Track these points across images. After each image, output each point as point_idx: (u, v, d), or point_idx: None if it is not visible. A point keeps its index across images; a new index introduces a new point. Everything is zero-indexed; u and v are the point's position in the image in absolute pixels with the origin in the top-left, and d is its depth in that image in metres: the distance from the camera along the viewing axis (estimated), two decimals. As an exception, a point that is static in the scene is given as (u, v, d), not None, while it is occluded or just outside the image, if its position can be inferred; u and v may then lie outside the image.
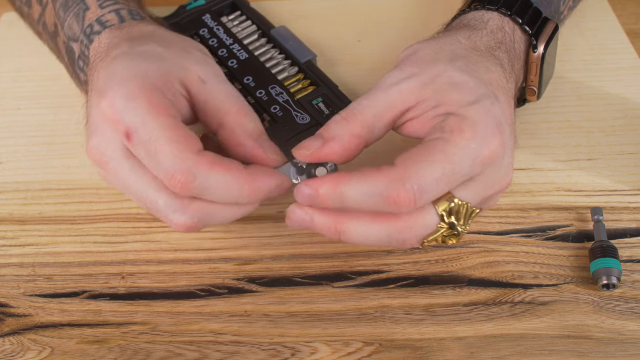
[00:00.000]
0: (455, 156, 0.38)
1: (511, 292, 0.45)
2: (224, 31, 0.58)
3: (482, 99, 0.40)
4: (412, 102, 0.41)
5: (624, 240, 0.47)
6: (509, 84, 0.44)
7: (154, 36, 0.45)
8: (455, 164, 0.38)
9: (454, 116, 0.39)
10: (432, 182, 0.37)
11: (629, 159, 0.51)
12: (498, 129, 0.39)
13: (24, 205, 0.51)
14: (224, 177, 0.39)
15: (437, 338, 0.43)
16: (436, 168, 0.38)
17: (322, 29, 0.63)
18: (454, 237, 0.40)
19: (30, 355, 0.43)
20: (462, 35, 0.45)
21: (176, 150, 0.38)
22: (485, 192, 0.40)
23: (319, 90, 0.53)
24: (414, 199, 0.37)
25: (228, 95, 0.43)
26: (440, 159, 0.38)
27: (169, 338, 0.44)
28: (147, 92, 0.39)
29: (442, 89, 0.41)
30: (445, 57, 0.43)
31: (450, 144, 0.38)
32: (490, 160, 0.39)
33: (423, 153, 0.38)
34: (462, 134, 0.38)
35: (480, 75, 0.42)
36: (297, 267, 0.47)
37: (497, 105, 0.40)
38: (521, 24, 0.47)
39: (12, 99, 0.59)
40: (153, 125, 0.38)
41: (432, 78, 0.41)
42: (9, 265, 0.48)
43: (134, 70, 0.40)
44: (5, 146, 0.55)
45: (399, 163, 0.38)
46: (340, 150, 0.41)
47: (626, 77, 0.57)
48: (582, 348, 0.42)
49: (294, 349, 0.43)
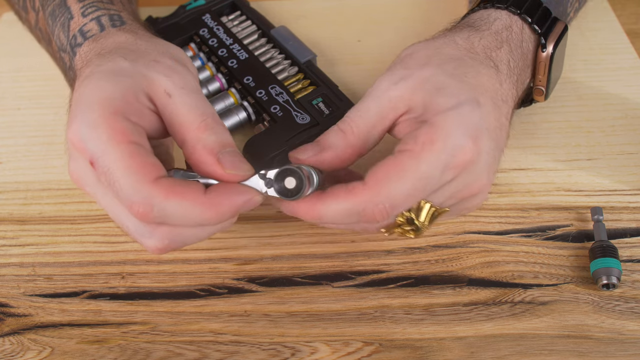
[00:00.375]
0: (425, 172, 0.39)
1: (511, 292, 0.45)
2: (224, 31, 0.58)
3: (462, 104, 0.40)
4: (403, 109, 0.42)
5: (624, 240, 0.47)
6: (503, 86, 0.44)
7: (124, 48, 0.44)
8: (425, 179, 0.39)
9: (428, 125, 0.40)
10: (403, 198, 0.39)
11: (629, 159, 0.51)
12: (472, 136, 0.40)
13: (24, 205, 0.51)
14: (181, 204, 0.38)
15: (437, 338, 0.43)
16: (407, 185, 0.39)
17: (322, 29, 0.63)
18: (412, 232, 0.41)
19: (30, 355, 0.43)
20: (461, 37, 0.45)
21: (133, 181, 0.38)
22: (455, 195, 0.41)
23: (319, 90, 0.53)
24: (387, 214, 0.39)
25: (191, 108, 0.41)
26: (411, 176, 0.39)
27: (169, 338, 0.44)
28: (110, 119, 0.39)
29: (427, 94, 0.41)
30: (437, 60, 0.43)
31: (421, 160, 0.39)
32: (462, 167, 0.39)
33: (393, 169, 0.39)
34: (433, 145, 0.39)
35: (468, 79, 0.42)
36: (297, 267, 0.47)
37: (477, 110, 0.40)
38: (530, 23, 0.47)
39: (12, 99, 0.59)
40: (112, 155, 0.38)
41: (421, 82, 0.42)
42: (9, 265, 0.48)
43: (98, 94, 0.40)
44: (5, 146, 0.55)
45: (370, 181, 0.39)
46: (333, 159, 0.42)
47: (626, 77, 0.57)
48: (582, 348, 0.42)
49: (294, 349, 0.43)
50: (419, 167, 0.39)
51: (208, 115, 0.41)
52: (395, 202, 0.39)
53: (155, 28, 0.59)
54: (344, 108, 0.51)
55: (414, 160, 0.39)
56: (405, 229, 0.41)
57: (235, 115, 0.53)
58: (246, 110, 0.53)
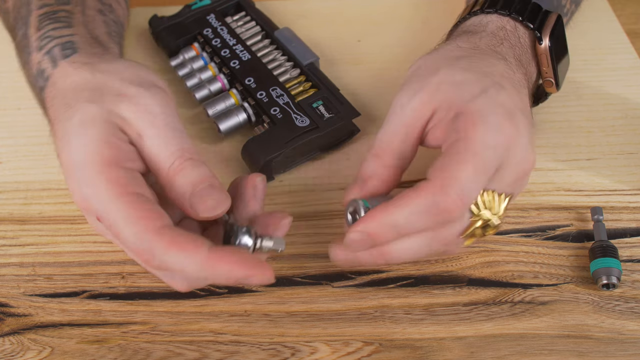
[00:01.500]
0: (479, 150, 0.39)
1: (511, 292, 0.45)
2: (227, 31, 0.58)
3: (487, 89, 0.41)
4: (428, 114, 0.42)
5: (624, 240, 0.47)
6: (516, 74, 0.44)
7: (84, 89, 0.43)
8: (481, 157, 0.39)
9: (463, 114, 0.40)
10: (470, 181, 0.38)
11: (629, 159, 0.51)
12: (507, 114, 0.40)
13: (24, 205, 0.51)
14: (180, 257, 0.37)
15: (437, 338, 0.43)
16: (468, 168, 0.38)
17: (322, 29, 0.63)
18: (490, 228, 0.41)
19: (30, 355, 0.43)
20: (462, 40, 0.46)
21: (135, 231, 0.38)
22: (511, 176, 0.41)
23: (320, 94, 0.53)
24: (461, 203, 0.38)
25: (160, 150, 0.41)
26: (468, 158, 0.38)
27: (169, 338, 0.44)
28: (105, 173, 0.39)
29: (448, 92, 0.41)
30: (446, 62, 0.43)
31: (470, 141, 0.39)
32: (508, 144, 0.40)
33: (451, 159, 0.39)
34: (475, 127, 0.39)
35: (483, 69, 0.42)
36: (297, 267, 0.47)
37: (503, 92, 0.41)
38: (522, 20, 0.47)
39: (12, 99, 0.59)
40: (114, 210, 0.38)
41: (437, 85, 0.42)
42: (9, 265, 0.48)
43: (83, 152, 0.40)
44: (5, 146, 0.55)
45: (433, 176, 0.39)
46: (381, 185, 0.42)
47: (626, 77, 0.57)
48: (582, 348, 0.42)
49: (294, 349, 0.43)
50: (472, 148, 0.39)
51: (177, 155, 0.40)
52: (464, 186, 0.38)
53: (160, 27, 0.59)
54: (345, 112, 0.52)
55: (463, 143, 0.39)
56: (483, 227, 0.40)
57: (235, 116, 0.53)
58: (246, 112, 0.53)
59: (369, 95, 0.57)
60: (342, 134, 0.53)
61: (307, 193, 0.51)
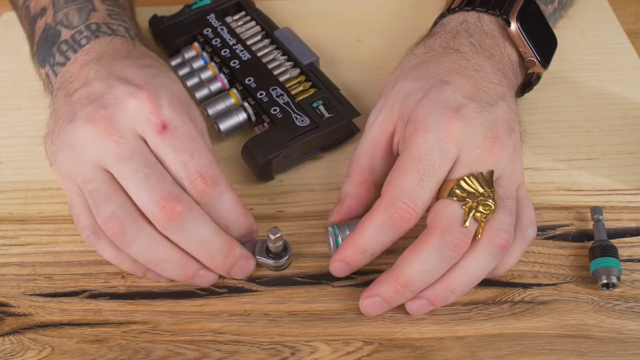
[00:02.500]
0: (421, 156, 0.41)
1: (511, 291, 0.45)
2: (227, 31, 0.58)
3: (428, 92, 0.43)
4: (390, 128, 0.45)
5: (624, 239, 0.47)
6: (471, 61, 0.45)
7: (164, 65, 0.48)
8: (425, 161, 0.41)
9: (410, 122, 0.43)
10: (414, 186, 0.41)
11: (629, 159, 0.51)
12: (448, 109, 0.42)
13: (24, 205, 0.51)
14: (233, 200, 0.43)
15: (437, 337, 0.43)
16: (411, 175, 0.41)
17: (322, 29, 0.63)
18: (487, 206, 0.41)
19: (31, 354, 0.43)
20: (418, 47, 0.49)
21: (211, 156, 0.43)
22: (474, 156, 0.42)
23: (320, 93, 0.53)
24: (412, 209, 0.41)
25: None
26: (411, 166, 0.41)
27: (169, 337, 0.44)
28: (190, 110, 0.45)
29: (401, 104, 0.44)
30: (401, 75, 0.46)
31: (411, 149, 0.41)
32: (458, 135, 0.41)
33: (396, 171, 0.42)
34: (417, 133, 0.42)
35: (429, 73, 0.45)
36: (297, 267, 0.47)
37: (445, 88, 0.43)
38: (486, 11, 0.48)
39: (12, 99, 0.59)
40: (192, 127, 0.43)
41: (394, 99, 0.45)
42: (9, 265, 0.48)
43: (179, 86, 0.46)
44: (5, 146, 0.55)
45: (383, 192, 0.42)
46: (355, 203, 0.46)
47: (626, 77, 0.57)
48: (582, 347, 0.42)
49: (294, 348, 0.43)
50: (413, 155, 0.41)
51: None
52: (410, 193, 0.41)
53: (160, 27, 0.59)
54: (345, 112, 0.52)
55: (407, 152, 0.42)
56: (481, 207, 0.41)
57: (235, 116, 0.53)
58: (246, 111, 0.53)
59: (369, 96, 0.57)
60: (342, 134, 0.53)
61: (307, 193, 0.51)
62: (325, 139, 0.52)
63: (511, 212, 0.42)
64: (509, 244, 0.41)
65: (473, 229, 0.41)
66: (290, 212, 0.50)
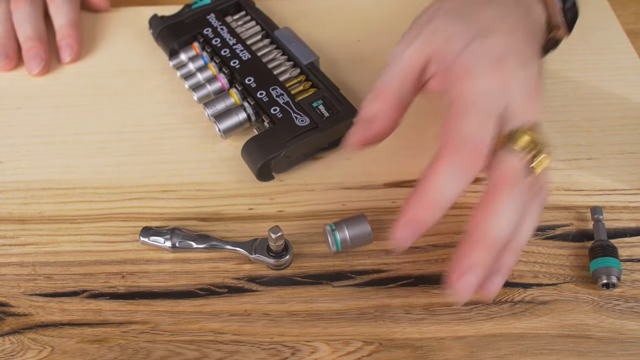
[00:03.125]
0: (476, 101, 0.40)
1: (511, 291, 0.45)
2: (227, 31, 0.58)
3: (474, 39, 0.42)
4: (422, 62, 0.44)
5: (624, 239, 0.47)
6: (511, 16, 0.45)
7: None
8: (478, 105, 0.40)
9: (452, 69, 0.42)
10: (479, 130, 0.39)
11: (629, 159, 0.51)
12: (494, 60, 0.41)
13: (24, 205, 0.51)
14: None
15: (437, 337, 0.43)
16: (472, 119, 0.40)
17: (322, 29, 0.63)
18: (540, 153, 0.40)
19: (31, 354, 0.43)
20: None
21: None
22: (525, 108, 0.41)
23: (320, 93, 0.53)
24: (481, 150, 0.39)
25: None
26: (468, 111, 0.40)
27: (169, 337, 0.44)
28: None
29: (439, 44, 0.43)
30: (440, 13, 0.45)
31: (463, 96, 0.40)
32: (501, 85, 0.41)
33: (452, 116, 0.40)
34: (464, 80, 0.41)
35: (472, 17, 0.44)
36: (297, 267, 0.47)
37: (489, 40, 0.42)
38: None
39: (12, 99, 0.59)
40: None
41: (431, 35, 0.44)
42: (9, 265, 0.48)
43: None
44: (5, 146, 0.55)
45: (444, 137, 0.40)
46: (388, 124, 0.44)
47: (626, 77, 0.57)
48: (582, 347, 0.42)
49: (294, 349, 0.43)
50: (466, 100, 0.40)
51: None
52: (475, 136, 0.39)
53: (160, 27, 0.59)
54: (345, 111, 0.51)
55: (459, 99, 0.40)
56: (535, 158, 0.40)
57: (235, 116, 0.53)
58: (246, 111, 0.53)
59: (369, 95, 0.57)
60: (342, 134, 0.53)
61: (307, 193, 0.51)
62: (325, 138, 0.52)
63: None
64: None
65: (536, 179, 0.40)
66: (290, 212, 0.50)
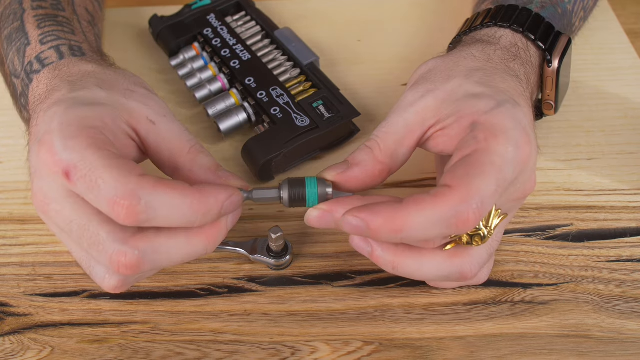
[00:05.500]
0: (502, 165, 0.37)
1: (511, 291, 0.45)
2: (227, 31, 0.58)
3: (503, 103, 0.40)
4: (431, 120, 0.41)
5: (624, 240, 0.47)
6: (526, 92, 0.43)
7: (94, 77, 0.43)
8: (503, 172, 0.37)
9: (482, 125, 0.39)
10: (491, 195, 0.37)
11: (629, 159, 0.51)
12: (525, 131, 0.39)
13: (24, 205, 0.51)
14: (170, 195, 0.36)
15: (437, 337, 0.43)
16: (492, 181, 0.37)
17: (322, 29, 0.63)
18: (478, 239, 0.39)
19: (31, 354, 0.43)
20: (476, 49, 0.45)
21: (117, 175, 0.36)
22: (516, 194, 0.40)
23: (320, 93, 0.53)
24: (479, 215, 0.36)
25: (179, 134, 0.41)
26: (491, 170, 0.37)
27: (169, 337, 0.44)
28: (87, 131, 0.37)
29: (460, 102, 0.40)
30: (460, 72, 0.43)
31: (493, 154, 0.37)
32: (524, 163, 0.38)
33: (473, 168, 0.37)
34: (497, 139, 0.38)
35: (497, 85, 0.42)
36: (297, 267, 0.47)
37: (519, 109, 0.40)
38: (534, 40, 0.46)
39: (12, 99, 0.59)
40: (93, 158, 0.36)
41: (448, 94, 0.41)
42: (10, 265, 0.48)
43: (73, 115, 0.38)
44: (5, 146, 0.55)
45: (456, 184, 0.37)
46: (363, 175, 0.41)
47: (626, 77, 0.57)
48: (582, 347, 0.42)
49: (294, 348, 0.43)
50: (495, 161, 0.37)
51: (195, 141, 0.42)
52: (484, 199, 0.36)
53: (160, 27, 0.59)
54: (345, 111, 0.52)
55: (485, 154, 0.37)
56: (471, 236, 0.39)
57: (235, 116, 0.53)
58: (246, 111, 0.53)
59: (369, 95, 0.57)
60: (342, 134, 0.53)
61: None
62: (325, 139, 0.52)
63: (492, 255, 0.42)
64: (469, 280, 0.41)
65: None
66: (290, 212, 0.50)
